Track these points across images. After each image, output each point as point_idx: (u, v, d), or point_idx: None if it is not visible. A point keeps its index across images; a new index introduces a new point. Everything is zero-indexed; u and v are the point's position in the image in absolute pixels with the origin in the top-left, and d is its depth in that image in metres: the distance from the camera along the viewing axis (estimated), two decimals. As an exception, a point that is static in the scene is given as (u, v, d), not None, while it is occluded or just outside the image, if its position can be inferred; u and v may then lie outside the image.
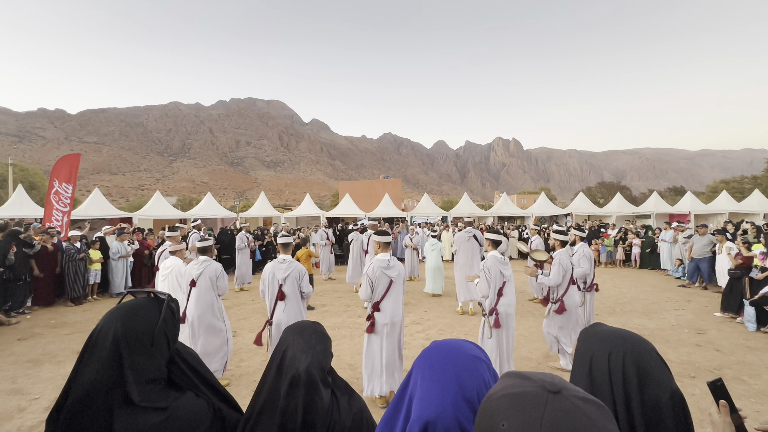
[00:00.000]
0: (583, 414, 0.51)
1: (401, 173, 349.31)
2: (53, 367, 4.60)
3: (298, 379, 1.01)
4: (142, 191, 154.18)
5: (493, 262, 3.89)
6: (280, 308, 3.77)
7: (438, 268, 8.42)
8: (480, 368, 0.86)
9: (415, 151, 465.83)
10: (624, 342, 1.01)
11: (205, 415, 0.95)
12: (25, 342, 5.57)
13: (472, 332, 5.78)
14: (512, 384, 0.58)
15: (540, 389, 0.55)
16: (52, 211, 9.49)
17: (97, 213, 13.85)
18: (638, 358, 0.97)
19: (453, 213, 19.47)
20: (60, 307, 7.68)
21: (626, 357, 0.98)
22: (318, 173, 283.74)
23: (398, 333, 3.62)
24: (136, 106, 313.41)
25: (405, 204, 51.96)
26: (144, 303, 0.96)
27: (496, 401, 0.57)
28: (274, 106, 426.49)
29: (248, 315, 6.98)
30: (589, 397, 0.55)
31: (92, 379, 0.85)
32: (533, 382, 0.57)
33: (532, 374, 0.60)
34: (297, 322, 1.21)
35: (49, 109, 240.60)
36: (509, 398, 0.55)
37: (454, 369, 0.85)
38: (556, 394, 0.54)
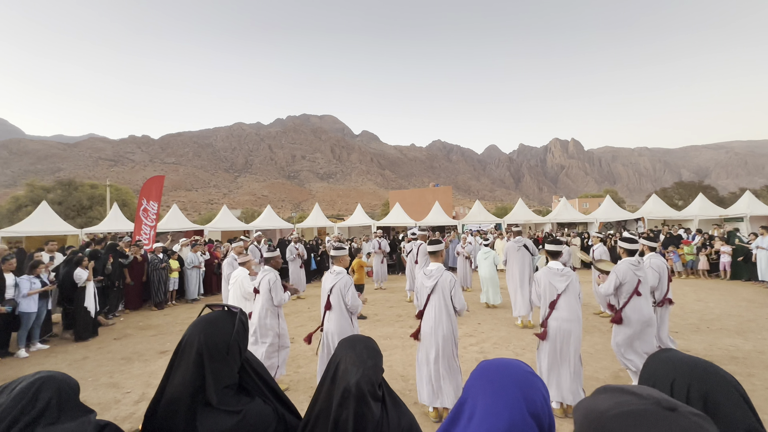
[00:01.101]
0: (703, 430, 0.53)
1: (451, 180, 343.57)
2: (141, 365, 5.21)
3: (349, 392, 1.06)
4: (211, 205, 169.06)
5: (544, 274, 3.71)
6: (328, 317, 3.92)
7: (492, 277, 8.11)
8: (538, 384, 0.88)
9: (466, 157, 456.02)
10: (692, 370, 0.92)
11: (272, 419, 1.05)
12: (119, 341, 6.38)
13: (530, 346, 5.49)
14: (625, 401, 0.59)
15: (656, 407, 0.55)
16: (141, 226, 10.82)
17: (175, 226, 15.51)
18: (707, 389, 0.87)
19: (507, 220, 18.70)
20: (146, 311, 8.69)
21: (692, 387, 0.89)
22: (369, 183, 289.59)
23: (442, 344, 3.52)
24: (207, 129, 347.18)
25: (456, 211, 50.95)
26: (220, 316, 1.09)
27: (614, 419, 0.57)
28: (326, 121, 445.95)
29: (305, 323, 7.31)
30: (701, 413, 0.56)
31: (181, 382, 0.99)
32: (645, 399, 0.58)
33: (635, 389, 0.61)
34: (351, 336, 1.26)
35: (137, 136, 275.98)
36: (628, 416, 0.56)
37: (516, 384, 0.86)
38: (673, 411, 0.55)
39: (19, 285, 5.71)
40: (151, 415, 1.01)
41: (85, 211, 28.37)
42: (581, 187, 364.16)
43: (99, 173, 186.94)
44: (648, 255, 4.85)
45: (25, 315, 5.74)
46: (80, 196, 29.10)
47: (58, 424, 0.88)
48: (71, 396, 0.94)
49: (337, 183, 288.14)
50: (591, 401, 0.66)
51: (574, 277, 3.71)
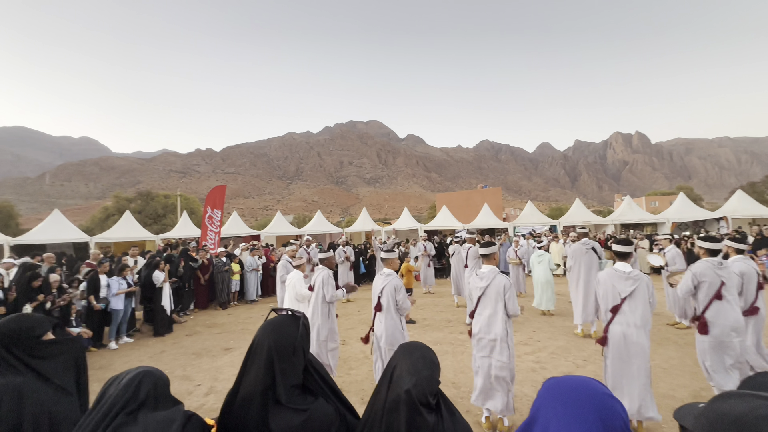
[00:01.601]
0: None
1: (501, 181, 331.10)
2: (209, 360, 5.68)
3: (400, 399, 1.09)
4: (266, 211, 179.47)
5: (607, 276, 3.44)
6: (378, 319, 3.99)
7: (547, 282, 7.68)
8: (618, 408, 0.82)
9: (516, 157, 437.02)
10: None
11: (335, 419, 1.12)
12: (190, 338, 7.01)
13: (592, 358, 5.11)
14: (761, 405, 0.59)
15: None
16: (207, 232, 11.81)
17: (235, 232, 16.71)
18: None
19: (563, 221, 17.62)
20: (212, 310, 9.45)
21: None
22: (415, 186, 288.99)
23: (491, 349, 3.43)
24: (261, 139, 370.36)
25: (506, 213, 49.01)
26: (286, 320, 1.19)
27: (756, 423, 0.57)
28: (372, 126, 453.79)
29: (355, 325, 7.47)
30: None
31: (254, 381, 1.09)
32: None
33: (762, 393, 0.61)
34: (410, 343, 1.28)
35: (202, 149, 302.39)
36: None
37: (594, 409, 0.81)
38: None
39: (110, 285, 6.53)
40: (228, 408, 1.12)
41: (160, 218, 31.61)
42: (648, 184, 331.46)
43: (171, 184, 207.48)
44: (733, 258, 4.31)
45: (115, 312, 6.55)
46: (156, 205, 32.53)
47: (156, 412, 1.02)
48: (164, 388, 1.08)
49: (384, 187, 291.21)
50: (719, 406, 0.64)
51: (644, 281, 3.34)
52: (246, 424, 1.07)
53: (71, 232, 14.07)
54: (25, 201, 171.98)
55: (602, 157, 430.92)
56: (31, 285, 5.25)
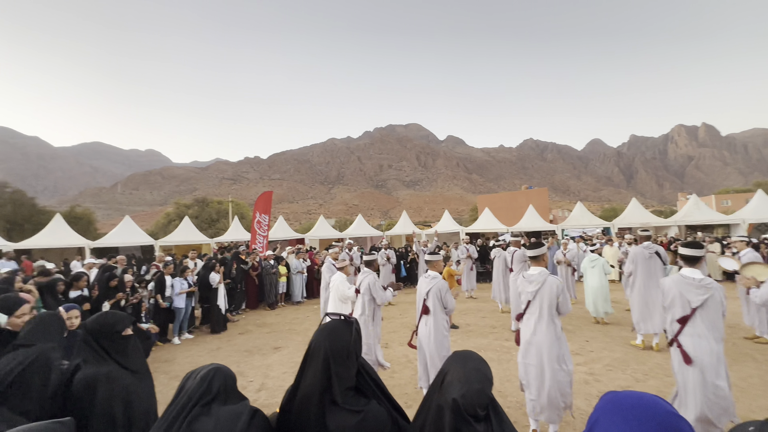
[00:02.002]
0: None
1: (547, 181, 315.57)
2: (260, 358, 6.00)
3: (446, 406, 1.11)
4: (309, 215, 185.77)
5: (673, 283, 3.12)
6: (423, 321, 3.99)
7: (601, 287, 7.18)
8: (684, 428, 0.78)
9: (563, 155, 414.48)
10: None
11: (387, 421, 1.17)
12: (242, 336, 7.46)
13: (653, 372, 4.73)
14: None
15: None
16: (256, 236, 12.50)
17: (281, 235, 17.50)
18: None
19: (618, 223, 16.43)
20: (261, 310, 9.97)
21: None
22: (455, 188, 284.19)
23: (544, 356, 3.23)
24: (305, 146, 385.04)
25: (553, 215, 46.60)
26: (340, 324, 1.26)
27: None
28: (411, 129, 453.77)
29: (397, 329, 7.51)
30: None
31: (312, 383, 1.17)
32: None
33: None
34: (465, 352, 1.30)
35: (250, 157, 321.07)
36: None
37: (657, 426, 0.77)
38: None
39: (174, 286, 7.14)
40: (288, 405, 1.21)
41: (214, 223, 33.93)
42: (719, 181, 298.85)
43: (223, 191, 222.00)
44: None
45: (178, 310, 7.15)
46: (210, 211, 35.00)
47: (227, 405, 1.14)
48: (232, 384, 1.21)
49: (423, 190, 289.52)
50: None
51: (718, 291, 2.99)
52: (306, 422, 1.14)
53: (139, 236, 15.56)
54: (101, 208, 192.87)
55: (662, 153, 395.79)
56: (109, 284, 5.90)
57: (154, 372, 5.39)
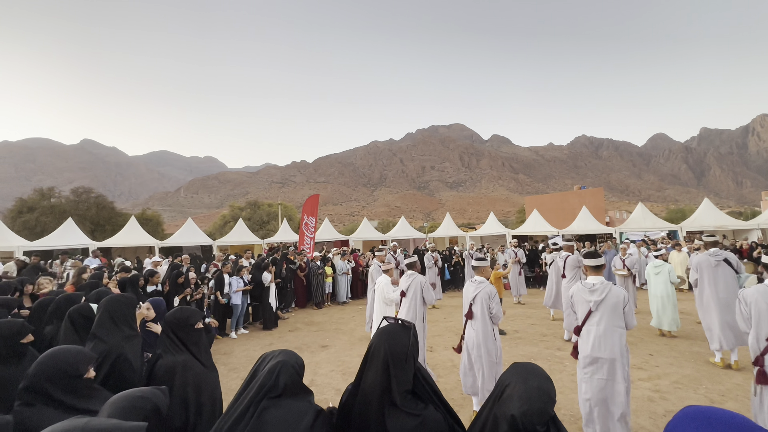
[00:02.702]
0: None
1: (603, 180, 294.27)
2: (308, 355, 6.26)
3: (504, 419, 1.11)
4: (353, 217, 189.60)
5: (759, 295, 2.81)
6: (470, 326, 3.92)
7: (668, 297, 6.57)
8: None
9: (621, 152, 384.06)
10: None
11: (445, 427, 1.19)
12: (292, 333, 7.82)
13: (731, 393, 4.25)
14: None
15: None
16: (304, 237, 13.04)
17: (327, 237, 18.08)
18: None
19: (687, 226, 14.94)
20: (309, 309, 10.37)
21: None
22: (500, 189, 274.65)
23: (606, 375, 3.06)
24: (348, 150, 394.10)
25: (610, 217, 43.32)
26: (398, 328, 1.31)
27: None
28: (453, 130, 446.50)
29: (442, 332, 7.44)
30: None
31: (372, 383, 1.23)
32: None
33: None
34: (528, 365, 1.26)
35: (297, 161, 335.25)
36: None
37: None
38: None
39: (231, 284, 7.68)
40: (349, 403, 1.28)
41: (264, 225, 35.85)
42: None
43: (272, 194, 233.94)
44: None
45: (235, 306, 7.68)
46: (261, 213, 37.02)
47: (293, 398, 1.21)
48: (298, 377, 1.28)
49: (467, 191, 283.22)
50: None
51: None
52: (366, 421, 1.20)
53: (200, 236, 16.90)
54: (167, 211, 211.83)
55: (741, 147, 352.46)
56: (177, 281, 6.49)
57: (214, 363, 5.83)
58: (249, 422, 1.14)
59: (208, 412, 2.04)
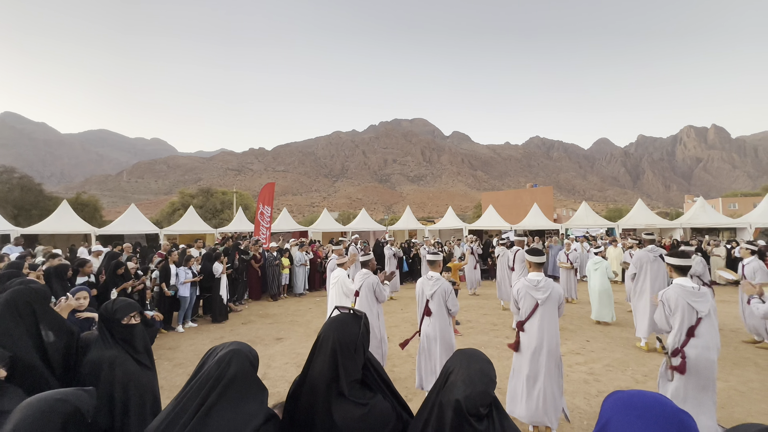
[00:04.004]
0: None
1: (552, 179, 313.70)
2: (262, 348, 6.07)
3: (449, 405, 1.12)
4: (313, 208, 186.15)
5: (677, 292, 3.12)
6: (426, 322, 3.98)
7: (605, 290, 7.20)
8: (693, 425, 0.82)
9: (569, 154, 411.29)
10: None
11: (392, 415, 1.18)
12: (245, 326, 7.54)
13: (653, 373, 4.73)
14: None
15: None
16: (259, 227, 12.56)
17: (285, 227, 17.58)
18: None
19: (623, 224, 16.35)
20: (263, 301, 10.05)
21: None
22: (459, 185, 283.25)
23: (545, 360, 3.33)
24: (309, 139, 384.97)
25: (558, 214, 46.39)
26: (349, 318, 1.27)
27: None
28: (416, 124, 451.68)
29: (398, 323, 7.56)
30: None
31: (319, 372, 1.19)
32: None
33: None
34: (471, 352, 1.28)
35: (255, 148, 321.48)
36: None
37: (674, 425, 0.81)
38: None
39: (178, 274, 7.21)
40: (295, 395, 1.23)
41: (218, 213, 34.10)
42: (726, 184, 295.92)
43: (227, 181, 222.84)
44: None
45: (182, 299, 7.24)
46: (215, 201, 35.15)
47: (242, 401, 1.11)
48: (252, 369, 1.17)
49: (428, 185, 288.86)
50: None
51: (712, 296, 3.18)
52: (312, 412, 1.16)
53: (144, 224, 15.70)
54: (107, 196, 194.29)
55: (670, 154, 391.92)
56: (116, 272, 5.97)
57: (158, 359, 5.43)
58: (189, 423, 1.04)
59: (137, 413, 1.89)
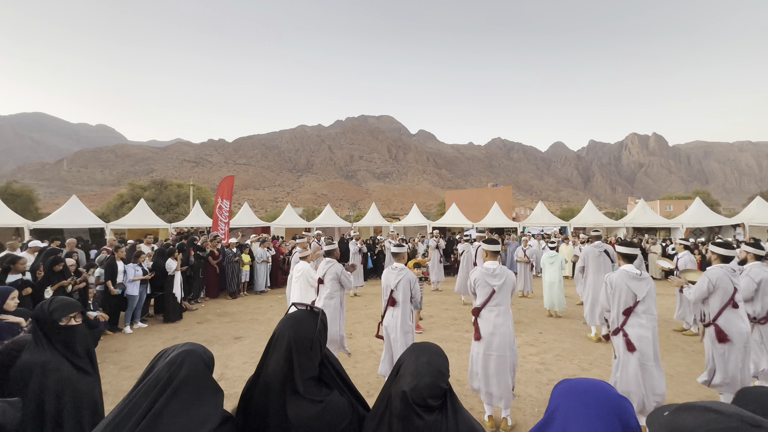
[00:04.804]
0: None
1: (512, 180, 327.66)
2: (219, 348, 5.83)
3: (398, 396, 1.13)
4: (276, 203, 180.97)
5: (620, 276, 3.42)
6: (390, 313, 4.03)
7: (558, 282, 7.64)
8: (631, 409, 0.88)
9: (528, 156, 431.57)
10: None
11: (348, 411, 1.17)
12: (201, 325, 7.19)
13: (597, 361, 5.11)
14: (712, 419, 0.62)
15: (741, 423, 0.59)
16: (218, 222, 12.02)
17: (246, 223, 16.96)
18: None
19: (574, 223, 17.43)
20: (222, 299, 9.65)
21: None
22: (424, 183, 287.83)
23: (500, 346, 3.45)
24: (273, 132, 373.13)
25: (516, 213, 48.56)
26: (305, 315, 1.24)
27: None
28: (383, 121, 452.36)
29: (362, 319, 7.56)
30: None
31: (274, 370, 1.15)
32: (730, 417, 0.61)
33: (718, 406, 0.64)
34: (422, 344, 1.29)
35: (215, 139, 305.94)
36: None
37: (612, 409, 0.86)
38: (758, 428, 0.58)
39: (126, 272, 6.72)
40: (249, 394, 1.18)
41: (173, 207, 32.20)
42: (664, 188, 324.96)
43: (184, 174, 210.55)
44: (750, 264, 4.25)
45: (131, 297, 6.76)
46: (169, 194, 33.12)
47: (197, 403, 1.04)
48: (206, 371, 1.10)
49: (393, 182, 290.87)
50: (674, 419, 0.68)
51: (653, 283, 3.44)
52: (265, 411, 1.12)
53: (88, 218, 14.46)
54: (44, 186, 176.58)
55: (617, 159, 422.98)
56: (53, 269, 5.45)
57: (103, 362, 5.07)
58: (135, 429, 0.95)
59: (73, 425, 1.74)
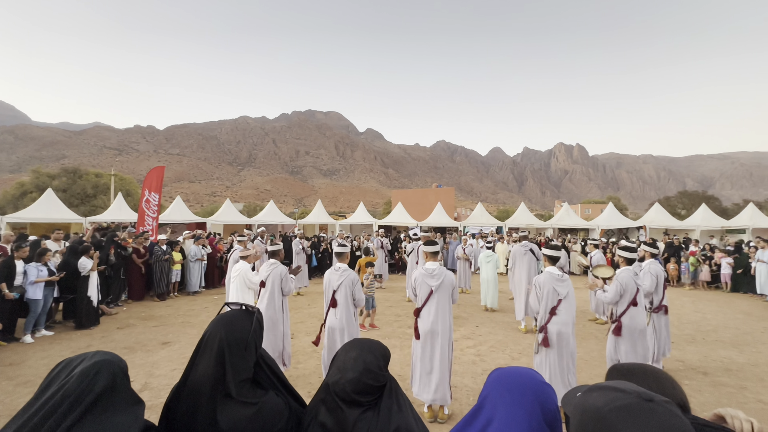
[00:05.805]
0: (672, 414, 0.66)
1: (454, 181, 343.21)
2: (144, 355, 5.30)
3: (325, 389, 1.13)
4: (214, 198, 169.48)
5: (546, 278, 3.75)
6: (332, 314, 3.98)
7: (493, 280, 8.18)
8: (552, 395, 0.96)
9: (470, 159, 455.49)
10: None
11: (285, 412, 1.12)
12: (122, 331, 6.48)
13: (525, 351, 5.55)
14: (615, 397, 0.70)
15: (638, 399, 0.68)
16: (144, 217, 10.92)
17: (178, 218, 15.61)
18: None
19: (509, 223, 18.74)
20: (148, 301, 8.79)
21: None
22: (371, 181, 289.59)
23: (440, 343, 3.61)
24: (212, 121, 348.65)
25: (458, 213, 50.94)
26: (239, 314, 1.17)
27: (610, 414, 0.68)
28: (331, 117, 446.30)
29: (305, 319, 7.40)
30: (668, 399, 0.70)
31: (204, 373, 1.07)
32: (629, 394, 0.70)
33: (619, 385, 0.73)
34: (356, 340, 1.27)
35: (143, 126, 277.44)
36: (620, 410, 0.68)
37: (534, 395, 0.93)
38: (651, 401, 0.67)
39: (27, 272, 5.81)
40: (174, 401, 1.08)
41: (89, 199, 28.55)
42: (584, 193, 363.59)
43: (104, 162, 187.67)
44: (648, 261, 4.94)
45: (33, 302, 5.85)
46: (85, 184, 29.25)
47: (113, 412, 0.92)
48: (124, 381, 0.98)
49: (340, 180, 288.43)
50: (585, 399, 0.75)
51: (572, 284, 3.81)
52: (193, 418, 1.04)
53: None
54: None
55: (547, 165, 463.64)
56: (-76, 269, 4.52)
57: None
58: None
59: None
